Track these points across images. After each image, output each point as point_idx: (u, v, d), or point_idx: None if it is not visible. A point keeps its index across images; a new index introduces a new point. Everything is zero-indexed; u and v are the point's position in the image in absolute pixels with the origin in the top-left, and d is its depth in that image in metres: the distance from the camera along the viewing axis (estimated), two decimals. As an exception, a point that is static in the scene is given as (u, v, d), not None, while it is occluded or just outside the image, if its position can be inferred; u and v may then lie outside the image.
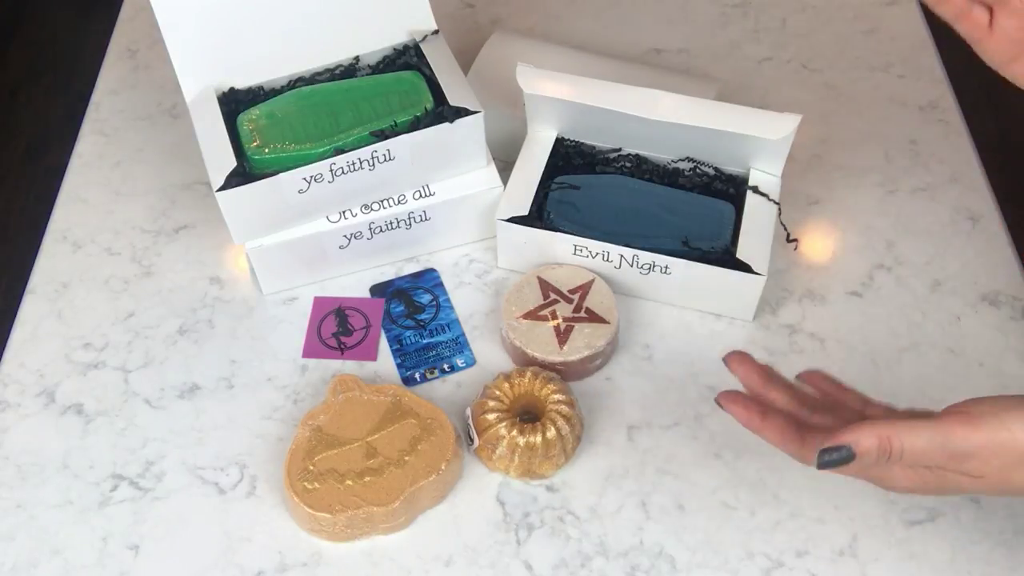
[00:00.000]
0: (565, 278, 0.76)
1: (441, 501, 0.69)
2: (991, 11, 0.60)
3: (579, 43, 0.95)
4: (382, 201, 0.78)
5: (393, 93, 0.76)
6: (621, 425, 0.72)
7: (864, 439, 0.52)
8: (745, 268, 0.73)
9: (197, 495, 0.69)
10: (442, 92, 0.76)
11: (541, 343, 0.73)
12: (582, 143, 0.82)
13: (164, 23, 0.75)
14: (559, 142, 0.81)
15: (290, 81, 0.79)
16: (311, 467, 0.67)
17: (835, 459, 0.53)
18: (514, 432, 0.67)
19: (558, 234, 0.76)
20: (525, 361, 0.73)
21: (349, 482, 0.66)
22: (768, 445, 0.70)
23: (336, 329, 0.78)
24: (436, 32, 0.80)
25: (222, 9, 0.75)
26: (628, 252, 0.75)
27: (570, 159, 0.81)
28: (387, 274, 0.81)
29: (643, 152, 0.81)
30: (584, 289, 0.76)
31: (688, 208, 0.78)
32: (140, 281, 0.81)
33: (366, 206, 0.77)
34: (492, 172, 0.79)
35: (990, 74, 0.61)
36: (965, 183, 0.86)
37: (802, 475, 0.69)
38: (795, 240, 0.82)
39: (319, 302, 0.79)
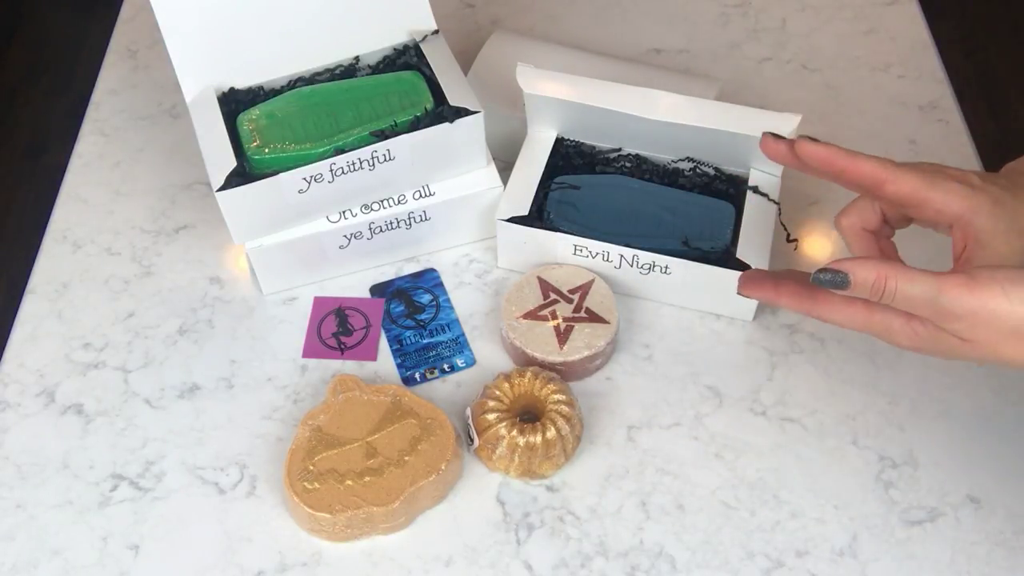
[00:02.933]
0: (565, 278, 0.77)
1: (441, 501, 0.69)
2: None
3: (579, 43, 0.95)
4: (382, 201, 0.78)
5: (393, 93, 0.76)
6: (621, 425, 0.72)
7: (861, 271, 0.53)
8: (745, 268, 0.73)
9: (197, 495, 0.69)
10: (442, 92, 0.76)
11: (541, 343, 0.73)
12: (582, 143, 0.82)
13: (164, 23, 0.75)
14: (559, 142, 0.81)
15: (290, 81, 0.79)
16: (311, 467, 0.67)
17: (829, 280, 0.54)
18: (514, 432, 0.67)
19: (558, 234, 0.76)
20: (525, 361, 0.74)
21: (349, 482, 0.66)
22: (768, 446, 0.71)
23: (336, 329, 0.78)
24: (436, 32, 0.80)
25: (222, 9, 0.75)
26: (628, 252, 0.75)
27: (570, 159, 0.81)
28: (387, 274, 0.81)
29: (643, 152, 0.81)
30: (584, 289, 0.76)
31: (688, 208, 0.78)
32: (140, 281, 0.81)
33: (366, 206, 0.77)
34: (492, 172, 0.79)
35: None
36: (965, 183, 0.86)
37: (802, 475, 0.70)
38: (795, 240, 0.82)
39: (319, 302, 0.79)
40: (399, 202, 0.78)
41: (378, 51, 0.80)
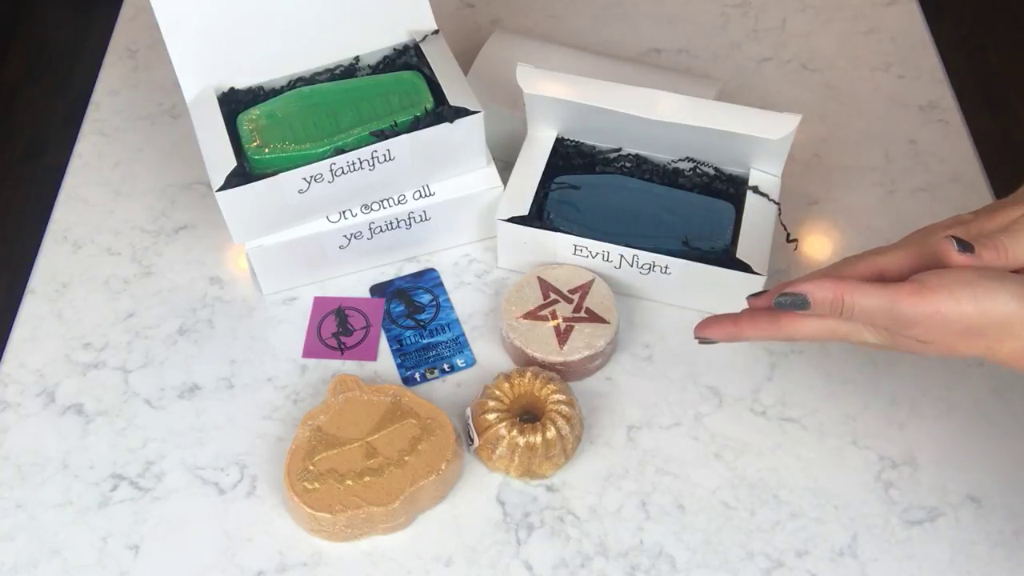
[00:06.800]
0: (565, 278, 0.77)
1: (441, 501, 0.69)
2: None
3: (579, 43, 0.95)
4: (382, 201, 0.78)
5: (393, 93, 0.76)
6: (621, 425, 0.72)
7: (819, 291, 0.55)
8: (745, 268, 0.73)
9: (197, 495, 0.69)
10: (442, 92, 0.76)
11: (541, 343, 0.73)
12: (582, 143, 0.82)
13: (164, 23, 0.75)
14: (559, 142, 0.81)
15: (290, 81, 0.79)
16: (311, 467, 0.67)
17: (789, 302, 0.56)
18: (514, 432, 0.67)
19: (558, 234, 0.76)
20: (525, 361, 0.73)
21: (349, 482, 0.66)
22: (768, 446, 0.71)
23: (336, 329, 0.78)
24: (436, 32, 0.80)
25: (222, 9, 0.75)
26: (628, 252, 0.75)
27: (570, 159, 0.81)
28: (387, 274, 0.81)
29: (643, 152, 0.81)
30: (584, 289, 0.76)
31: (688, 208, 0.78)
32: (140, 281, 0.81)
33: (366, 206, 0.77)
34: (492, 172, 0.79)
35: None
36: (965, 183, 0.86)
37: (802, 475, 0.70)
38: (795, 240, 0.82)
39: (319, 302, 0.79)
40: (399, 202, 0.78)
41: (378, 51, 0.80)
